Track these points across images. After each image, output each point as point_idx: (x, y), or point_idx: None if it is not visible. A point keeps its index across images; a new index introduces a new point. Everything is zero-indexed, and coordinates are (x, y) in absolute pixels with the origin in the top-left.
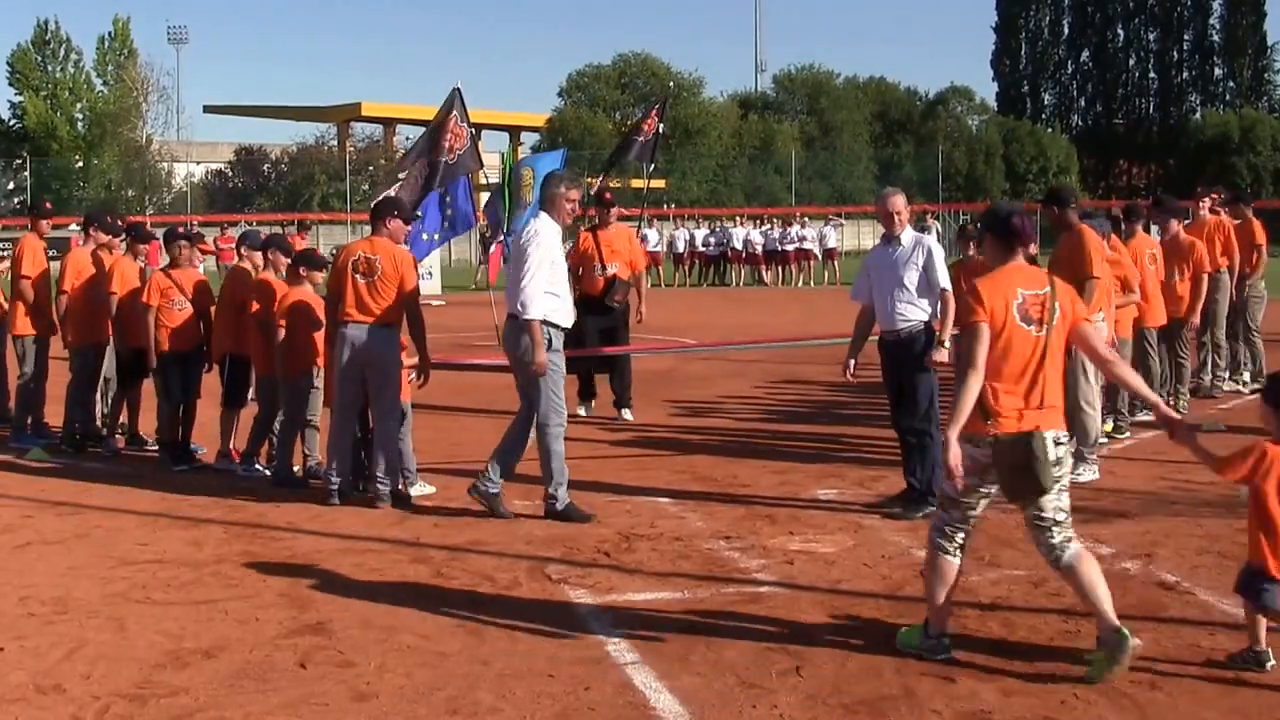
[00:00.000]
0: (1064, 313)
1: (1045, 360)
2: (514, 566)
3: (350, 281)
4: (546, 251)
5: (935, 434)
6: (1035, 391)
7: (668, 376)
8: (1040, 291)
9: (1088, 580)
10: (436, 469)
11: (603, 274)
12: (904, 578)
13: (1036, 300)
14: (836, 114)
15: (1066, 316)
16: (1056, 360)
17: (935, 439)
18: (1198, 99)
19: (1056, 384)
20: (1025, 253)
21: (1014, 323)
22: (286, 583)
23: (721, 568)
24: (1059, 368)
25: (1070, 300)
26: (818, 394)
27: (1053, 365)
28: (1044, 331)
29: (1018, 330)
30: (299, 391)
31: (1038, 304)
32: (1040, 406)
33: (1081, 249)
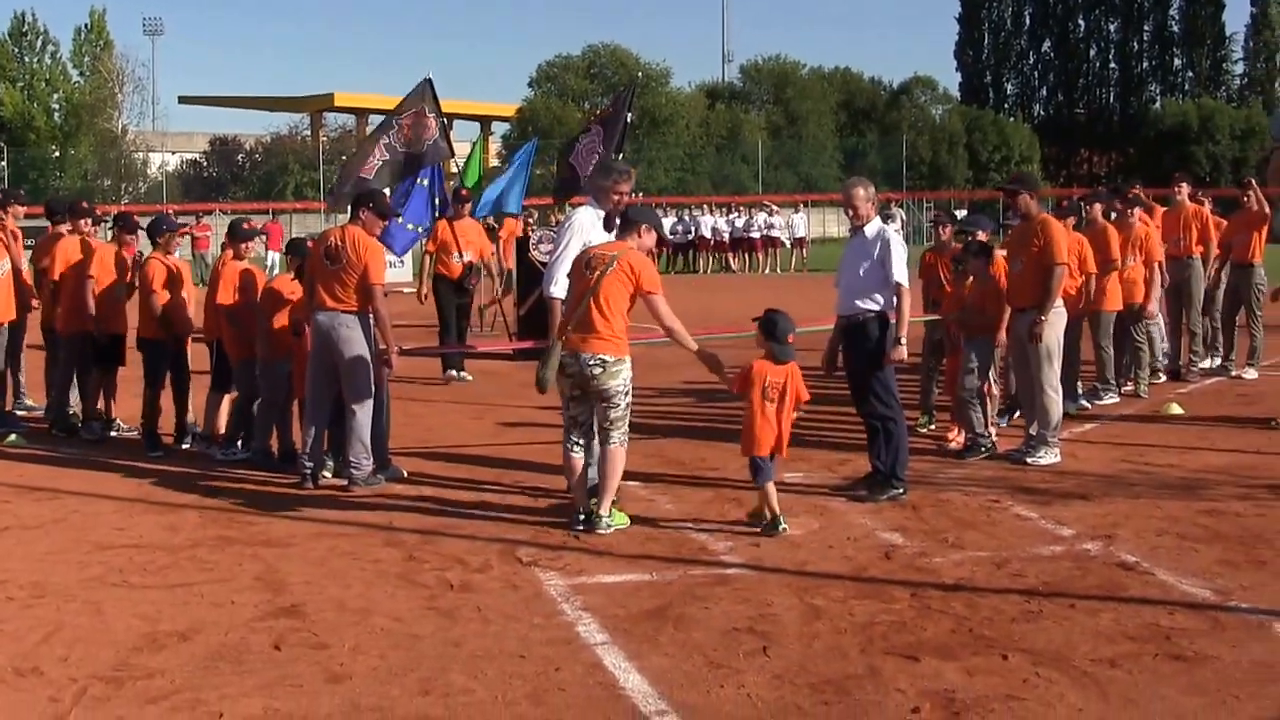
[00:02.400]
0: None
1: (594, 299)
2: (485, 549)
3: (321, 269)
4: (580, 236)
5: (898, 418)
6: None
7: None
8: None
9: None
10: (409, 454)
11: (460, 260)
12: (869, 559)
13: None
14: (802, 103)
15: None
16: (599, 301)
17: (899, 423)
18: (1158, 89)
19: (596, 320)
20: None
21: (579, 270)
22: (261, 566)
23: (690, 550)
24: (600, 310)
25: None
26: None
27: (596, 308)
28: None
29: (579, 275)
30: (277, 375)
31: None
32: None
33: (1047, 236)
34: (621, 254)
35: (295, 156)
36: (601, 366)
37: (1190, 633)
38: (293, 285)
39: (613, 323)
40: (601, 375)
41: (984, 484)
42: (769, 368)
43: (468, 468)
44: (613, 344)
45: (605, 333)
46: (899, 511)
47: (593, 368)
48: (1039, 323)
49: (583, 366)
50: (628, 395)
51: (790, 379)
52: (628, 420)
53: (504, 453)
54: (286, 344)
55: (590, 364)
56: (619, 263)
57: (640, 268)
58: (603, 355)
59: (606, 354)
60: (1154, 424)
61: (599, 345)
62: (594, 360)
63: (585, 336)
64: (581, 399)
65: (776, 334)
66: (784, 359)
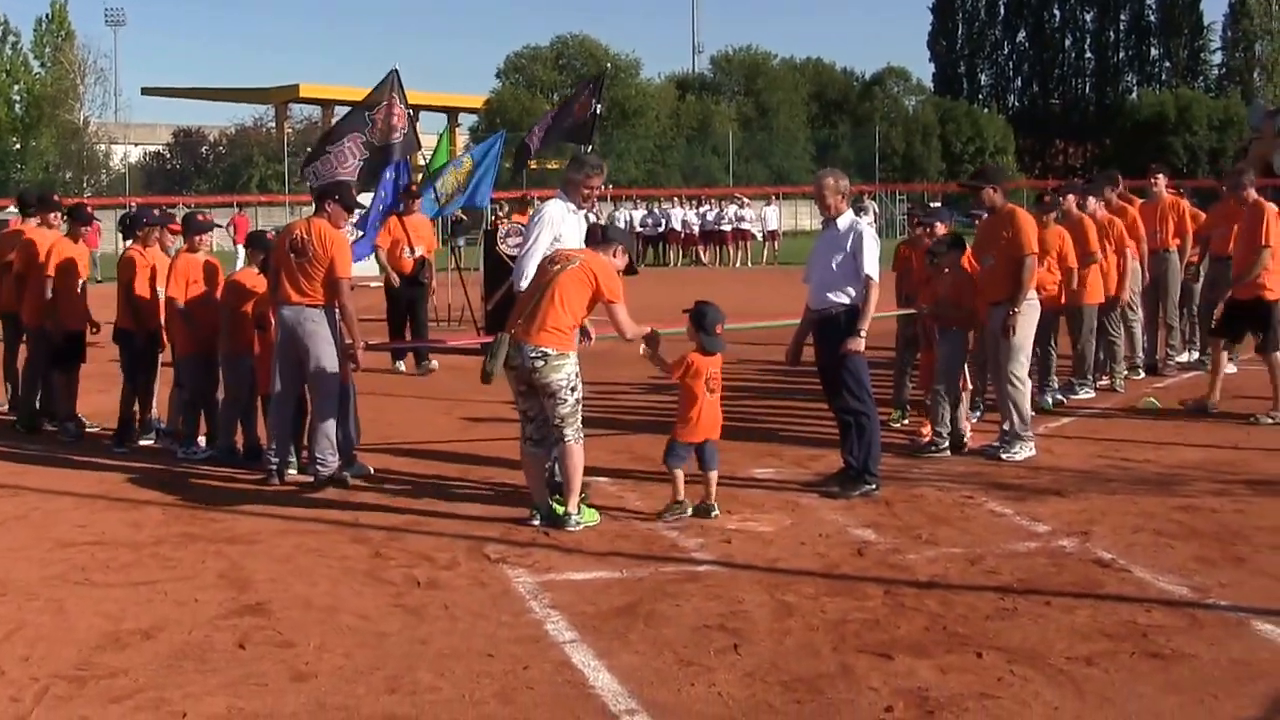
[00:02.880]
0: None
1: (545, 295)
2: (452, 546)
3: (285, 261)
4: (550, 230)
5: (871, 413)
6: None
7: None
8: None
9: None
10: (375, 450)
11: (412, 255)
12: (841, 556)
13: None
14: (773, 95)
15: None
16: (554, 294)
17: (871, 418)
18: (1134, 79)
19: (547, 313)
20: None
21: (542, 266)
22: (226, 564)
23: (660, 547)
24: (554, 302)
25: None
26: (755, 373)
27: (549, 301)
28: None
29: (541, 271)
30: (240, 370)
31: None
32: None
33: (1015, 227)
34: (587, 257)
35: (260, 149)
36: (543, 359)
37: (1167, 630)
38: (256, 278)
39: (561, 318)
40: (543, 369)
41: (958, 479)
42: (706, 360)
43: (435, 464)
44: (557, 338)
45: (551, 325)
46: (872, 508)
47: (534, 360)
48: (1012, 316)
49: (524, 359)
50: (575, 391)
51: (719, 366)
52: (579, 416)
53: (471, 448)
54: (249, 338)
55: (531, 356)
56: (582, 264)
57: (602, 273)
58: (545, 348)
59: (549, 347)
60: (1130, 419)
61: (543, 338)
62: (535, 353)
63: (530, 328)
64: (529, 393)
65: (706, 325)
66: (713, 350)
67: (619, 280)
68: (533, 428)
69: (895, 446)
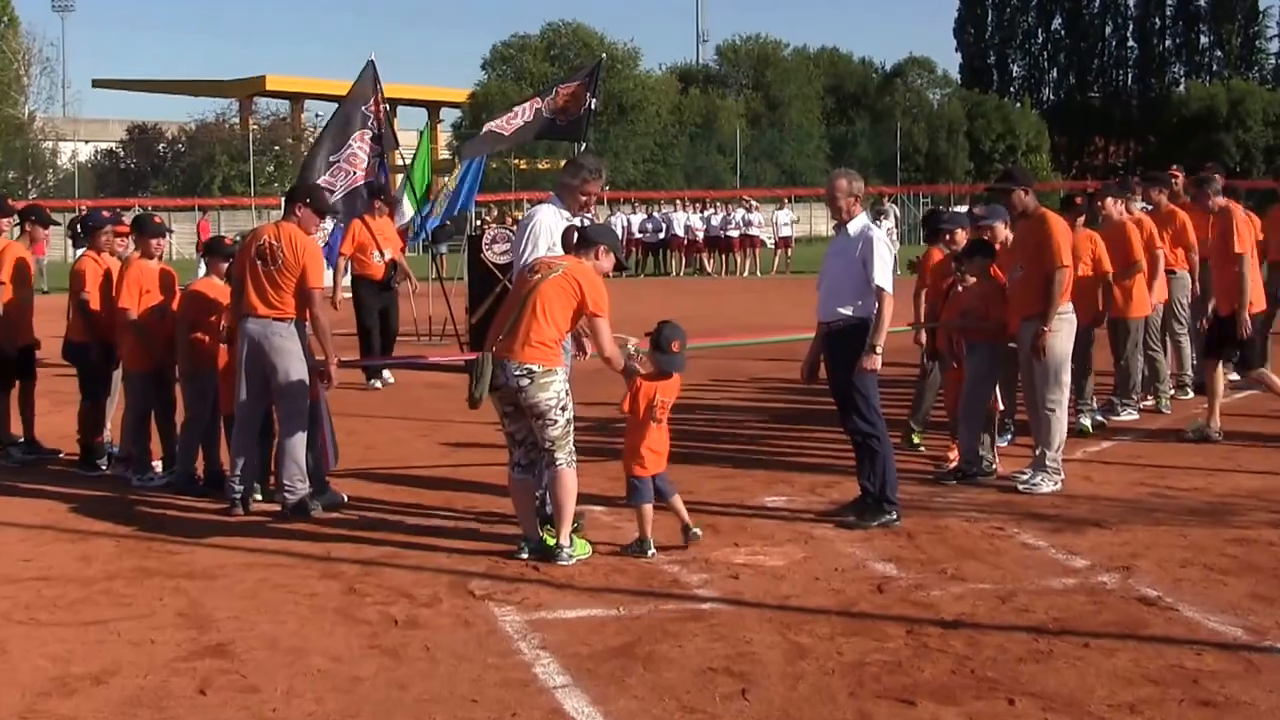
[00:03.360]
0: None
1: (526, 307)
2: (434, 581)
3: (251, 269)
4: (545, 239)
5: (881, 435)
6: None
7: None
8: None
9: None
10: (349, 476)
11: (381, 259)
12: (859, 593)
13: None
14: (785, 88)
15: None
16: (536, 306)
17: (882, 441)
18: (1181, 70)
19: (530, 326)
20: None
21: (521, 275)
22: (185, 601)
23: (660, 582)
24: (535, 315)
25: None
26: (765, 392)
27: (530, 313)
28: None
29: (520, 280)
30: (202, 389)
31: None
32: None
33: (1045, 235)
34: (571, 265)
35: (223, 146)
36: (529, 377)
37: (1220, 675)
38: (218, 288)
39: (546, 331)
40: (530, 387)
41: (986, 509)
42: (657, 383)
43: (414, 491)
44: (542, 353)
45: (535, 340)
46: (892, 540)
47: (519, 378)
48: (1043, 334)
49: (509, 377)
50: (565, 411)
51: (677, 394)
52: (571, 438)
53: (455, 474)
54: (211, 354)
55: (516, 374)
56: (564, 272)
57: (587, 283)
58: (530, 365)
59: (534, 363)
60: (1177, 443)
61: (528, 353)
62: (520, 370)
63: (513, 343)
64: (516, 415)
65: (660, 342)
66: (669, 369)
67: (605, 292)
68: (521, 452)
69: (918, 473)
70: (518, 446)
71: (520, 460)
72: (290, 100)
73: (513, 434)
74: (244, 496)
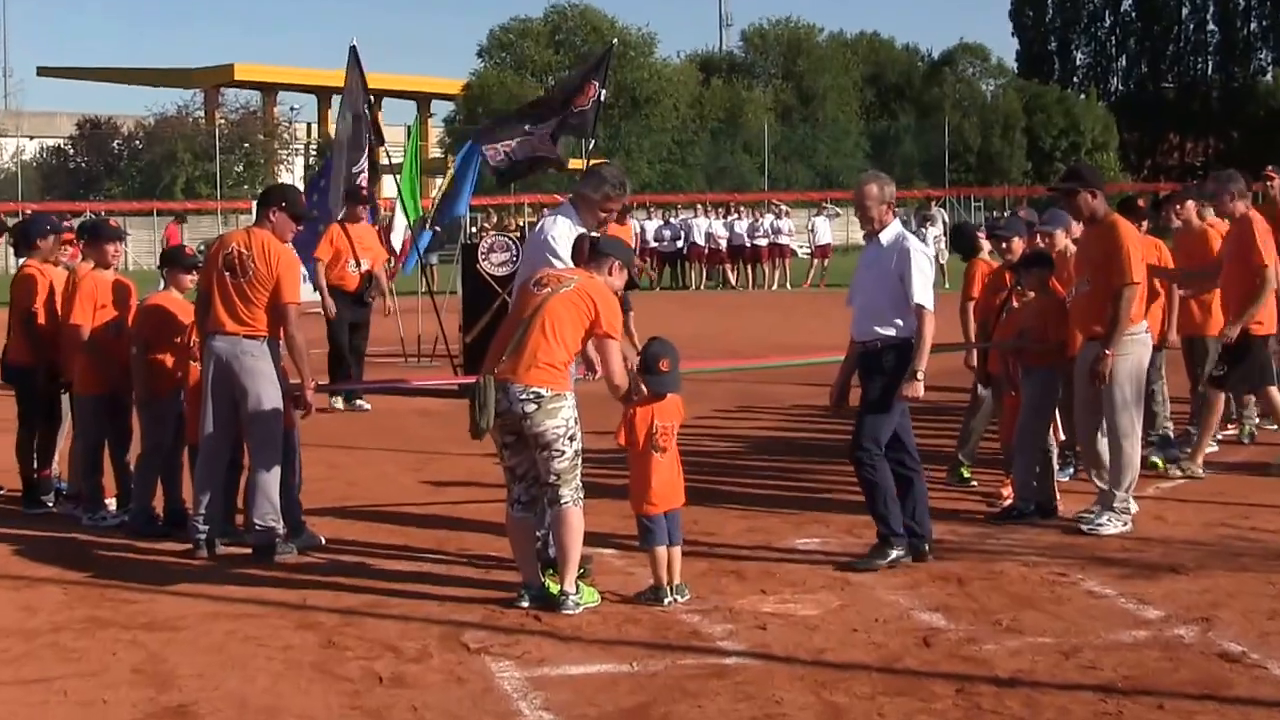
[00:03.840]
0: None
1: (534, 325)
2: (423, 633)
3: (219, 281)
4: (566, 248)
5: (874, 462)
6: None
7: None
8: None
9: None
10: (328, 515)
11: (357, 270)
12: (903, 646)
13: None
14: (819, 78)
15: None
16: (544, 324)
17: (877, 469)
18: (1269, 56)
19: (537, 346)
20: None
21: (525, 289)
22: (142, 655)
23: (678, 634)
24: (543, 333)
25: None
26: (796, 421)
27: (538, 331)
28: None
29: (524, 294)
30: (161, 418)
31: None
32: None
33: (1114, 246)
34: (583, 279)
35: (186, 143)
36: (535, 402)
37: None
38: (179, 303)
39: (554, 351)
40: (536, 414)
41: (1047, 552)
42: (654, 407)
43: (401, 531)
44: (550, 375)
45: (543, 361)
46: (940, 586)
47: (524, 403)
48: (1104, 359)
49: (512, 402)
50: (575, 441)
51: (680, 418)
52: (579, 473)
53: (446, 512)
54: (171, 377)
55: (521, 398)
56: (577, 287)
57: (601, 301)
58: (537, 389)
59: (542, 387)
60: (1263, 477)
61: (534, 376)
62: (525, 394)
63: (517, 365)
64: (518, 445)
65: (648, 363)
66: (660, 390)
67: (620, 312)
68: (521, 488)
69: (969, 513)
70: (518, 481)
71: (520, 497)
72: (261, 91)
73: (513, 468)
74: (209, 537)
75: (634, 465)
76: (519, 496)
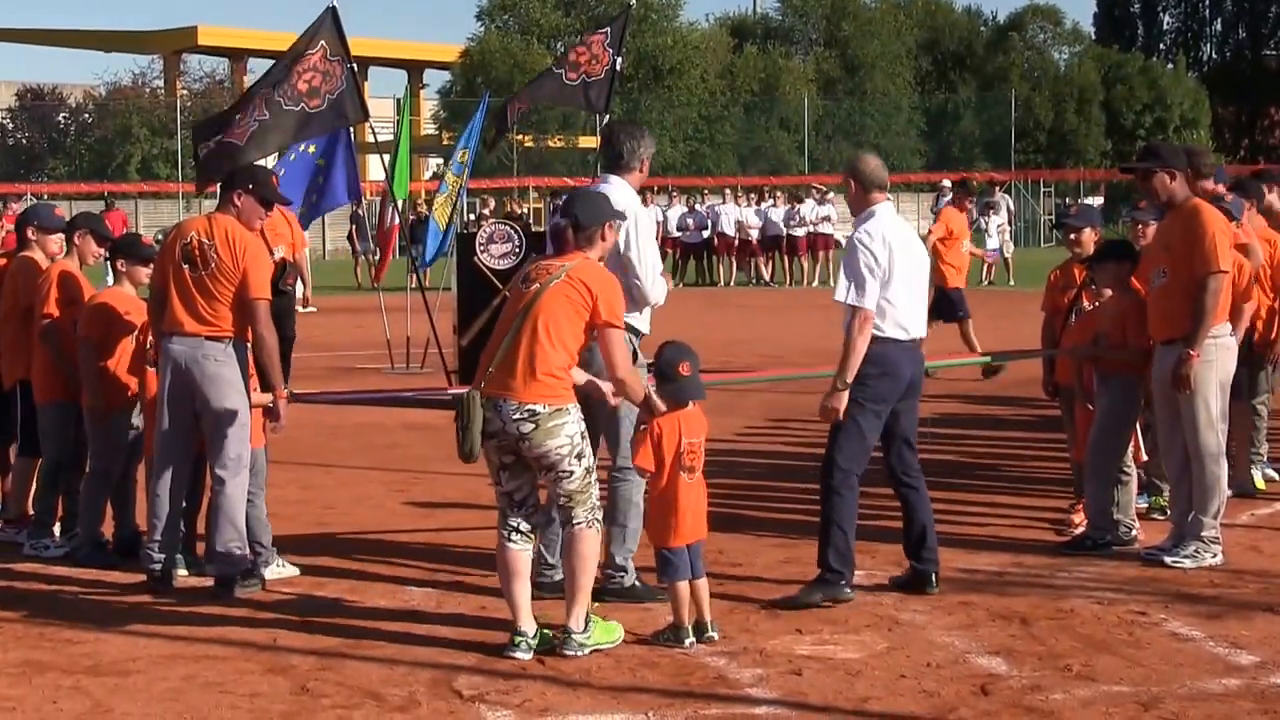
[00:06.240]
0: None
1: (524, 329)
2: (410, 678)
3: (177, 275)
4: (649, 229)
5: (834, 486)
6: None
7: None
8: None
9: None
10: (302, 542)
11: (273, 257)
12: (958, 695)
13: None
14: (866, 45)
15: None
16: (535, 327)
17: (830, 497)
18: None
19: (530, 353)
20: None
21: (513, 288)
22: (87, 703)
23: (702, 680)
24: (536, 337)
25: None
26: None
27: (530, 336)
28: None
29: (513, 294)
30: (111, 431)
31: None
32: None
33: (1198, 232)
34: (574, 265)
35: (142, 117)
36: (531, 421)
37: None
38: (131, 301)
39: (551, 357)
40: (534, 434)
41: (1124, 588)
42: (680, 421)
43: (385, 561)
44: (549, 387)
45: (541, 371)
46: (1001, 626)
47: (519, 423)
48: (1188, 360)
49: (505, 422)
50: (583, 458)
51: (706, 432)
52: (594, 491)
53: (437, 539)
54: (124, 387)
55: (515, 418)
56: (568, 276)
57: (598, 285)
58: (532, 405)
59: (537, 402)
60: None
61: (531, 391)
62: (520, 413)
63: (508, 378)
64: (517, 468)
65: (663, 370)
66: (682, 400)
67: (621, 296)
68: (519, 516)
69: (1034, 542)
70: (515, 509)
71: (519, 526)
72: (229, 58)
73: (510, 493)
74: (165, 568)
75: (656, 491)
76: (516, 526)
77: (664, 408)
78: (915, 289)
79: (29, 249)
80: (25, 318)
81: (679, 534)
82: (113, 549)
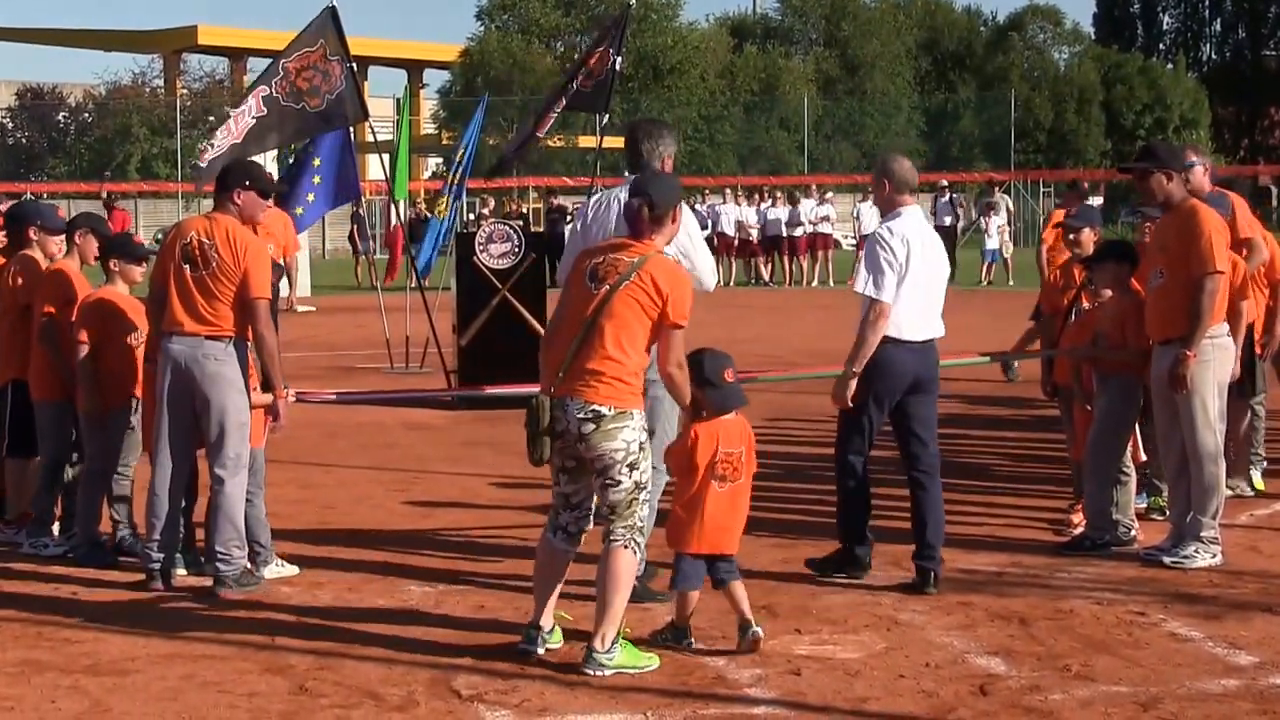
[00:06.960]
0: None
1: (593, 332)
2: (408, 678)
3: (177, 274)
4: (694, 222)
5: (844, 475)
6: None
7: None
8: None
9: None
10: (302, 542)
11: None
12: (956, 695)
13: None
14: (866, 45)
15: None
16: (602, 331)
17: (843, 482)
18: None
19: (602, 357)
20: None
21: (578, 279)
22: (85, 703)
23: (701, 680)
24: (605, 342)
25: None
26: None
27: (599, 339)
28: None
29: (578, 286)
30: (108, 431)
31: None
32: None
33: (1195, 232)
34: (644, 261)
35: (142, 116)
36: (594, 422)
37: None
38: (128, 300)
39: (624, 361)
40: (593, 435)
41: (1123, 589)
42: (719, 429)
43: (384, 562)
44: (616, 391)
45: (611, 375)
46: (1001, 626)
47: (582, 422)
48: (1184, 361)
49: (570, 420)
50: (635, 470)
51: (748, 441)
52: (638, 510)
53: (436, 539)
54: (123, 387)
55: (579, 417)
56: (639, 275)
57: (670, 284)
58: (597, 405)
59: (604, 404)
60: None
61: (598, 392)
62: (584, 412)
63: (578, 377)
64: (577, 472)
65: (705, 376)
66: (727, 406)
67: (691, 293)
68: (570, 516)
69: (1033, 543)
70: (569, 510)
71: (567, 526)
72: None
73: (568, 495)
74: (164, 567)
75: (682, 494)
76: (565, 525)
77: (706, 413)
78: (929, 292)
79: (28, 248)
80: (20, 316)
81: (698, 540)
82: (111, 548)
